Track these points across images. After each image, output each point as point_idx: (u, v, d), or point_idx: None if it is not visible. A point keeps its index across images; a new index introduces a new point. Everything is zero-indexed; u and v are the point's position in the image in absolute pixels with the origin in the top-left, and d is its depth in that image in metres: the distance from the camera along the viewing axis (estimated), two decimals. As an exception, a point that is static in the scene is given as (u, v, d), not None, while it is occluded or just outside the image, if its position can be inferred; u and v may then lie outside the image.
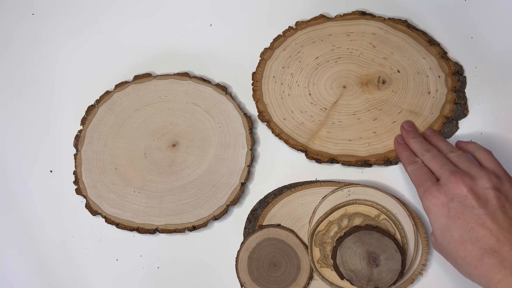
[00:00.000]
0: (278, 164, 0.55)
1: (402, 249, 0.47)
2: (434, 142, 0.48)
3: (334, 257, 0.48)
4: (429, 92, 0.51)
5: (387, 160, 0.50)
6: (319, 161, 0.51)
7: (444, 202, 0.40)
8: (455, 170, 0.41)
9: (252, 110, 0.56)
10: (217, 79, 0.58)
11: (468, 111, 0.52)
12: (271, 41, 0.56)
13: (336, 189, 0.50)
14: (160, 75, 0.57)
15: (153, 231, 0.53)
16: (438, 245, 0.42)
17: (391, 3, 0.56)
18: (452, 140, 0.52)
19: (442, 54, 0.52)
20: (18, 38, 0.63)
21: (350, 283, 0.48)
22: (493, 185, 0.39)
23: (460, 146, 0.47)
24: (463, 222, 0.39)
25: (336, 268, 0.48)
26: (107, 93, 0.57)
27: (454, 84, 0.51)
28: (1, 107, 0.61)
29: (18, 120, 0.60)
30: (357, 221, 0.49)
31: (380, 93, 0.52)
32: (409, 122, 0.50)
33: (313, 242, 0.50)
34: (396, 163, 0.51)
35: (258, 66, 0.56)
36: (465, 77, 0.53)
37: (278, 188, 0.54)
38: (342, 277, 0.48)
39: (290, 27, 0.56)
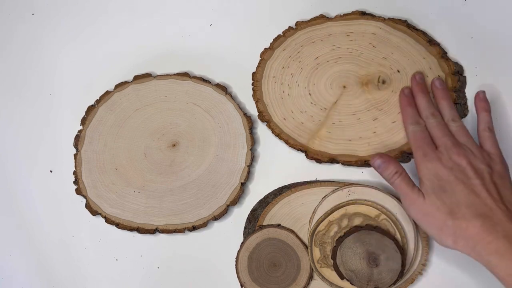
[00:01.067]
0: (278, 164, 0.55)
1: (402, 249, 0.47)
2: (439, 98, 0.49)
3: (334, 257, 0.48)
4: (429, 92, 0.51)
5: (387, 160, 0.50)
6: (319, 161, 0.51)
7: (445, 168, 0.43)
8: (457, 143, 0.44)
9: (252, 110, 0.56)
10: (217, 79, 0.58)
11: (468, 111, 0.52)
12: (271, 41, 0.56)
13: (336, 189, 0.50)
14: (160, 75, 0.57)
15: (153, 231, 0.53)
16: (425, 207, 0.43)
17: (391, 3, 0.56)
18: (452, 140, 0.52)
19: (442, 54, 0.52)
20: (18, 38, 0.63)
21: (350, 283, 0.48)
22: (487, 164, 0.43)
23: (477, 106, 0.48)
24: (462, 187, 0.42)
25: (336, 268, 0.48)
26: (107, 93, 0.57)
27: (454, 84, 0.51)
28: (1, 107, 0.61)
29: (18, 120, 0.60)
30: (357, 221, 0.49)
31: (380, 93, 0.52)
32: (421, 74, 0.51)
33: (313, 242, 0.50)
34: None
35: (258, 66, 0.56)
36: (465, 77, 0.53)
37: (278, 188, 0.54)
38: (342, 277, 0.48)
39: (290, 27, 0.56)
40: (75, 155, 0.56)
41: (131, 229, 0.53)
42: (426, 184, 0.43)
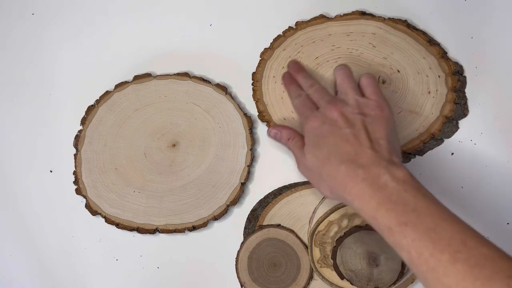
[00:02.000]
0: (278, 164, 0.55)
1: (402, 249, 0.47)
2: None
3: (334, 257, 0.48)
4: (429, 92, 0.51)
5: (387, 160, 0.50)
6: (319, 161, 0.51)
7: (319, 125, 0.45)
8: (331, 99, 0.46)
9: (252, 110, 0.56)
10: (217, 79, 0.58)
11: (468, 111, 0.52)
12: (271, 41, 0.56)
13: (336, 189, 0.50)
14: (160, 75, 0.57)
15: (153, 231, 0.53)
16: (307, 164, 0.45)
17: (391, 3, 0.56)
18: (452, 140, 0.52)
19: (442, 54, 0.52)
20: (18, 38, 0.63)
21: (350, 283, 0.48)
22: (360, 111, 0.44)
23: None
24: (332, 139, 0.43)
25: (336, 268, 0.48)
26: (107, 93, 0.57)
27: (454, 84, 0.51)
28: (0, 107, 0.61)
29: (18, 120, 0.60)
30: (357, 221, 0.49)
31: (380, 93, 0.52)
32: (293, 60, 0.54)
33: (313, 242, 0.50)
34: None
35: (258, 66, 0.56)
36: (465, 77, 0.53)
37: (278, 188, 0.54)
38: (342, 277, 0.48)
39: (290, 27, 0.56)
40: (75, 155, 0.56)
41: (131, 229, 0.53)
42: (306, 143, 0.45)
